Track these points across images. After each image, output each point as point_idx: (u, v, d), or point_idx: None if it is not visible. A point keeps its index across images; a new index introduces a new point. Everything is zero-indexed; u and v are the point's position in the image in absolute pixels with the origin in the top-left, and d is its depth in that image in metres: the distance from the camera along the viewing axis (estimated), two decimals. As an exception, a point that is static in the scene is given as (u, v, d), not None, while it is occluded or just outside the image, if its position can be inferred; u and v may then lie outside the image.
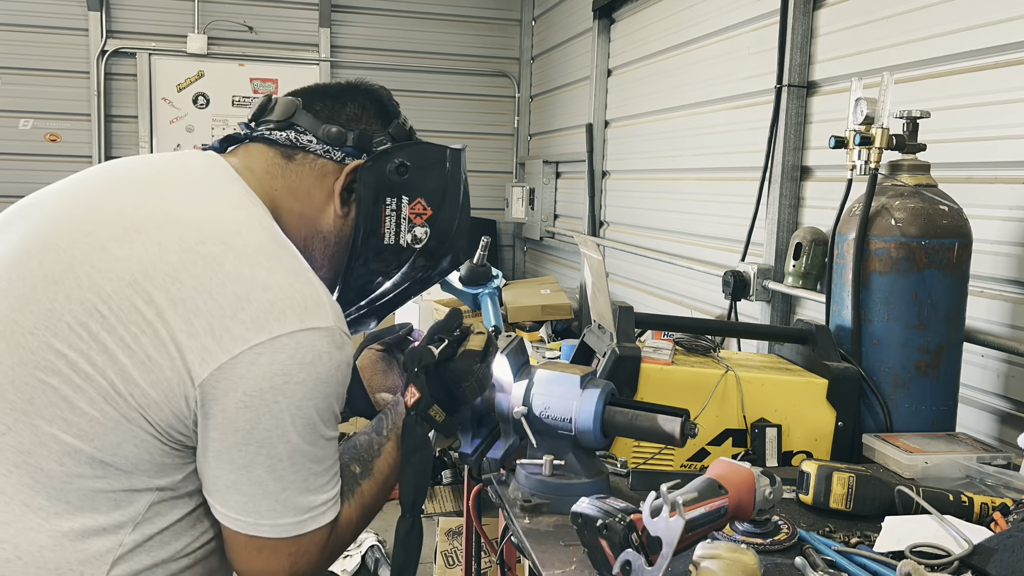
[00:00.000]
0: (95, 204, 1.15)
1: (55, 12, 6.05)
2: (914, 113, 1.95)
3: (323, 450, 1.12)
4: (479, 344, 1.39)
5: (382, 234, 1.28)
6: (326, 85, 1.32)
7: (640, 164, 4.60)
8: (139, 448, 1.06)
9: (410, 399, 1.30)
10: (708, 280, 3.64)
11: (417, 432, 1.29)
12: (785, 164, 3.07)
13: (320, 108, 1.27)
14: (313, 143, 1.25)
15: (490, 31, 6.83)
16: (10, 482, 1.05)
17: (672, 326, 1.99)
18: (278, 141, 1.26)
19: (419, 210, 1.30)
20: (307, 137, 1.25)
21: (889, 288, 1.87)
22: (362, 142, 1.27)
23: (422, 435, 1.29)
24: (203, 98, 6.32)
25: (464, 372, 1.36)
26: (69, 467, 1.05)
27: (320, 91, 1.30)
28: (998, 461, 1.69)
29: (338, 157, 1.26)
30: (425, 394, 1.30)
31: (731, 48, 3.60)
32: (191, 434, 1.08)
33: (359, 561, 3.47)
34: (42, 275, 1.08)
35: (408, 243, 1.30)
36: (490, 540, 1.91)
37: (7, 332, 1.07)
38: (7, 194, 5.60)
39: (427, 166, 1.31)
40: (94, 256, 1.07)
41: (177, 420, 1.06)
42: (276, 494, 1.09)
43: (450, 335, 1.38)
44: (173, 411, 1.05)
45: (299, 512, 1.11)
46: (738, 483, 1.25)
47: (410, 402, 1.30)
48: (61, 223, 1.13)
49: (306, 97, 1.28)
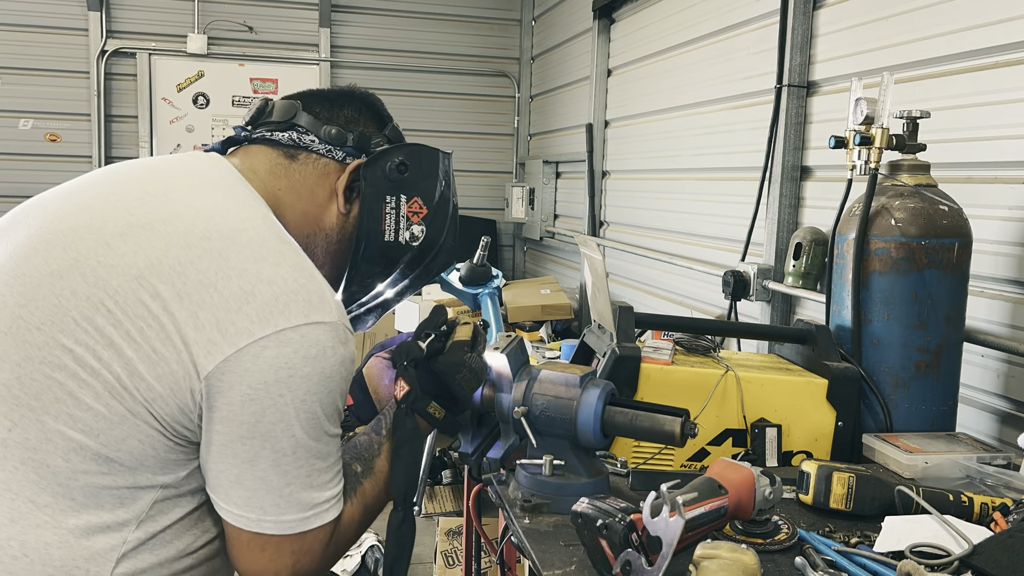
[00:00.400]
0: (100, 203, 1.15)
1: (55, 12, 6.05)
2: (914, 113, 1.95)
3: (327, 446, 1.13)
4: (466, 334, 1.40)
5: (382, 231, 1.32)
6: (321, 90, 1.36)
7: (640, 164, 4.60)
8: (144, 444, 1.06)
9: (399, 392, 1.30)
10: (708, 280, 3.64)
11: (407, 425, 1.29)
12: (785, 164, 3.07)
13: (319, 110, 1.31)
14: (316, 143, 1.29)
15: (490, 31, 6.83)
16: (16, 479, 1.05)
17: (672, 326, 1.99)
18: (280, 141, 1.29)
19: (416, 208, 1.34)
20: (309, 137, 1.29)
21: (889, 288, 1.87)
22: (362, 142, 1.31)
23: (412, 428, 1.29)
24: (203, 98, 6.32)
25: (455, 363, 1.36)
26: (75, 463, 1.05)
27: (317, 95, 1.34)
28: (998, 461, 1.69)
29: (339, 157, 1.30)
30: (415, 387, 1.30)
31: (731, 48, 3.60)
32: (196, 428, 1.08)
33: (359, 561, 3.47)
34: (48, 271, 1.08)
35: (406, 240, 1.34)
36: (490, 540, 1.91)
37: (13, 328, 1.07)
38: (7, 194, 5.62)
39: (423, 167, 1.35)
40: (100, 252, 1.08)
41: (182, 414, 1.06)
42: (280, 489, 1.09)
43: (436, 329, 1.39)
44: (179, 405, 1.05)
45: (303, 508, 1.11)
46: (738, 483, 1.25)
47: (399, 395, 1.30)
48: (67, 221, 1.14)
49: (304, 100, 1.32)
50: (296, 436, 1.08)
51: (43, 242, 1.12)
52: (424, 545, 3.56)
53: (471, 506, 1.91)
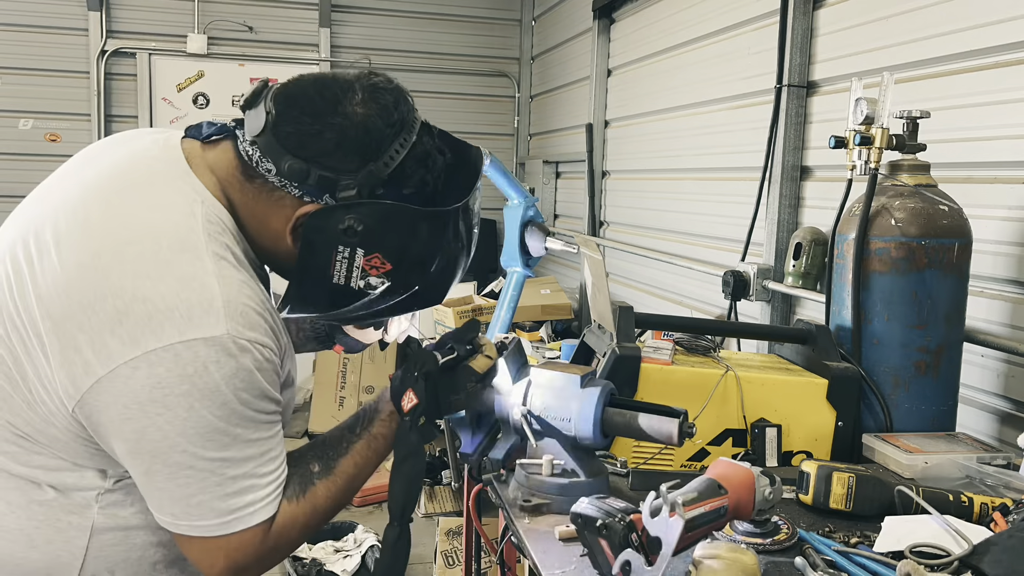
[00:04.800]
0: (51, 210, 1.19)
1: (55, 12, 6.05)
2: (914, 113, 1.95)
3: (243, 451, 1.12)
4: (482, 367, 1.37)
5: (330, 275, 1.18)
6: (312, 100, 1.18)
7: (640, 164, 4.60)
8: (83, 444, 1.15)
9: (407, 404, 1.28)
10: (708, 280, 3.64)
11: (411, 439, 1.27)
12: (785, 164, 3.07)
13: (291, 132, 1.16)
14: (272, 173, 1.16)
15: (490, 31, 6.83)
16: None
17: (672, 326, 1.99)
18: (241, 155, 1.19)
19: (376, 263, 1.19)
20: (267, 165, 1.16)
21: (889, 288, 1.87)
22: (323, 185, 1.16)
23: (416, 442, 1.27)
24: (203, 98, 6.33)
25: (457, 386, 1.34)
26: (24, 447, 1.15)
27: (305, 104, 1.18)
28: (998, 461, 1.69)
29: (296, 193, 1.17)
30: (423, 401, 1.28)
31: (731, 48, 3.60)
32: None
33: (359, 561, 3.47)
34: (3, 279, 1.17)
35: (361, 288, 1.20)
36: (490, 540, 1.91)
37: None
38: (7, 194, 5.61)
39: (388, 227, 1.17)
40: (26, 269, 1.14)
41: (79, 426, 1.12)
42: (186, 499, 1.11)
43: (462, 346, 1.36)
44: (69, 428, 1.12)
45: (220, 514, 1.12)
46: (738, 483, 1.25)
47: (407, 408, 1.28)
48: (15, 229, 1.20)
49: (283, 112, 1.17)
50: (190, 451, 1.08)
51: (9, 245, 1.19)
52: (424, 545, 3.56)
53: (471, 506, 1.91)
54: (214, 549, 1.13)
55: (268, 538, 1.16)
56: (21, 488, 1.15)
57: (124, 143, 1.29)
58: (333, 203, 1.16)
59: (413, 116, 1.22)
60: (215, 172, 1.21)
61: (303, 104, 1.18)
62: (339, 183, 1.16)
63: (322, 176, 1.15)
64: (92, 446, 1.14)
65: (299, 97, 1.19)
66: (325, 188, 1.16)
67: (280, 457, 1.18)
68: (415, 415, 1.28)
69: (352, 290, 1.20)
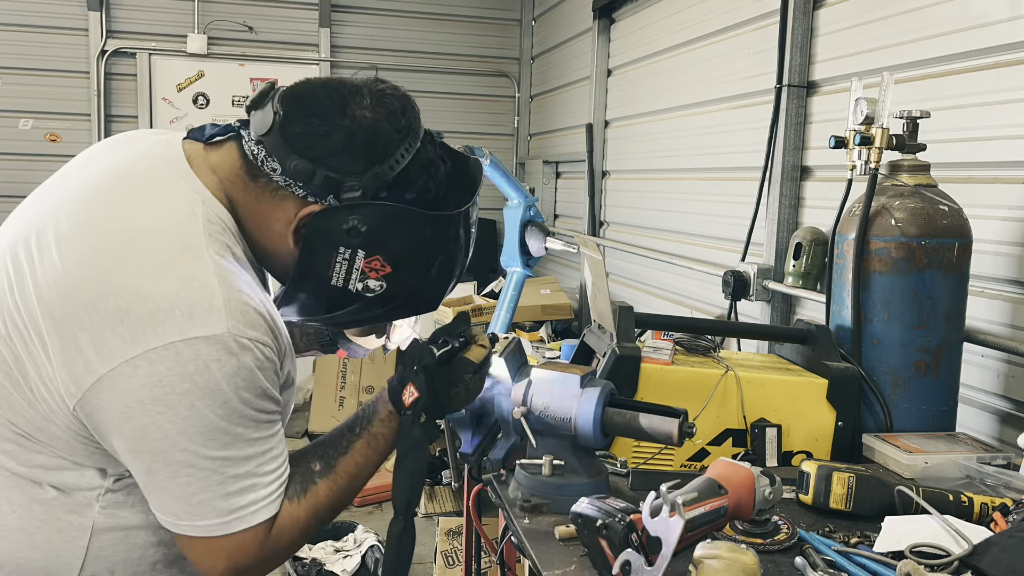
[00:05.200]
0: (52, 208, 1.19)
1: (55, 12, 6.05)
2: (914, 113, 1.95)
3: (244, 451, 1.12)
4: (477, 356, 1.37)
5: (329, 276, 1.19)
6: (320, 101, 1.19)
7: (640, 164, 4.61)
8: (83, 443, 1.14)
9: (408, 398, 1.28)
10: (708, 280, 3.64)
11: (414, 433, 1.28)
12: (785, 164, 3.07)
13: (299, 133, 1.17)
14: (277, 172, 1.17)
15: (490, 31, 6.83)
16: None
17: (672, 326, 1.99)
18: (246, 154, 1.20)
19: (376, 266, 1.20)
20: (273, 164, 1.17)
21: (889, 288, 1.87)
22: (328, 186, 1.17)
23: (419, 437, 1.28)
24: (203, 98, 6.33)
25: (455, 378, 1.34)
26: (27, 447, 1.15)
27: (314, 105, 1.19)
28: (998, 461, 1.69)
29: (300, 193, 1.18)
30: (423, 394, 1.28)
31: (731, 48, 3.60)
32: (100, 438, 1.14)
33: (359, 561, 3.46)
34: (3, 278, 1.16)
35: (359, 290, 1.21)
36: (490, 540, 1.91)
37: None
38: (7, 194, 5.61)
39: (391, 229, 1.19)
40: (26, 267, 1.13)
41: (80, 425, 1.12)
42: (187, 498, 1.11)
43: (455, 338, 1.36)
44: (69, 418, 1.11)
45: (221, 514, 1.12)
46: (738, 483, 1.25)
47: (408, 401, 1.28)
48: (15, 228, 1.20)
49: (291, 111, 1.18)
50: (191, 450, 1.09)
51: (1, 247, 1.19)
52: (424, 545, 3.56)
53: (471, 506, 1.91)
54: (215, 549, 1.13)
55: (269, 538, 1.16)
56: (22, 487, 1.15)
57: (125, 144, 1.30)
58: (337, 204, 1.17)
59: (418, 123, 1.24)
60: (217, 172, 1.21)
61: (311, 106, 1.19)
62: (344, 184, 1.17)
63: (327, 177, 1.16)
64: (93, 445, 1.14)
65: (307, 99, 1.20)
66: (330, 189, 1.17)
67: (281, 456, 1.18)
68: (416, 409, 1.28)
69: (349, 293, 1.21)
